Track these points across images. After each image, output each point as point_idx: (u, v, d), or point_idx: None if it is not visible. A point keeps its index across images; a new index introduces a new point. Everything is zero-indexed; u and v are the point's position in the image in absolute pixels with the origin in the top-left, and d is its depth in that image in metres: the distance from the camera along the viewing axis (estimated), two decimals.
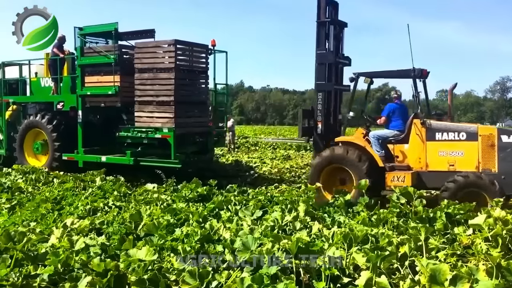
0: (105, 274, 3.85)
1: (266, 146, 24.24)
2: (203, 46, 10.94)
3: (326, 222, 6.13)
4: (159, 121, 10.11)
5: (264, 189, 9.62)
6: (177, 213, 6.42)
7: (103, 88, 10.78)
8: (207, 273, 3.92)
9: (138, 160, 10.51)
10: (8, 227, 5.85)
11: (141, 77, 10.29)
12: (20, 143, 12.52)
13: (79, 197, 7.75)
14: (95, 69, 11.02)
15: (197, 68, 10.84)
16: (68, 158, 11.46)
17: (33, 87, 12.90)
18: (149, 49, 10.31)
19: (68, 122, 11.63)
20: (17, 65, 13.39)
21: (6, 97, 13.21)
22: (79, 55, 11.14)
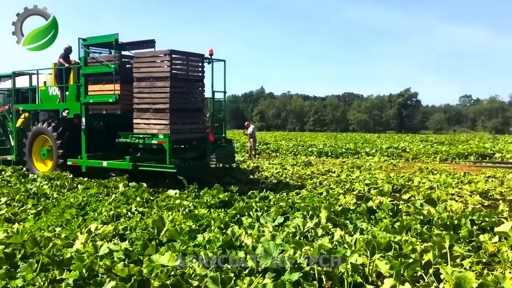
0: (129, 279, 3.89)
1: (287, 152, 24.20)
2: (199, 56, 11.27)
3: (348, 228, 6.07)
4: (156, 127, 10.46)
5: (285, 195, 9.60)
6: (199, 219, 6.45)
7: (105, 96, 11.22)
8: (229, 279, 3.93)
9: (136, 165, 10.81)
10: (34, 232, 5.94)
11: (139, 85, 10.65)
12: (29, 149, 13.08)
13: (103, 203, 7.84)
14: (97, 78, 11.48)
15: (193, 76, 11.15)
16: (72, 163, 11.89)
17: (41, 96, 13.48)
18: (146, 59, 10.71)
19: (72, 129, 12.02)
20: (28, 75, 13.86)
21: (17, 105, 13.80)
22: (83, 65, 11.55)
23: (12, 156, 13.96)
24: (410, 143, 33.50)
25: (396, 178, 12.48)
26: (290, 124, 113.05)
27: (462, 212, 7.20)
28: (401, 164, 18.31)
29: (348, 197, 8.92)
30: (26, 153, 13.12)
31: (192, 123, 11.25)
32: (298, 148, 26.55)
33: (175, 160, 10.41)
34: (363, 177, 12.75)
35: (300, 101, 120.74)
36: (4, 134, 14.55)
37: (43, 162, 13.06)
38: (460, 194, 9.83)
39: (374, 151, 24.14)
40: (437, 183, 11.21)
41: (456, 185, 11.00)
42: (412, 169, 15.87)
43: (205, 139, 11.79)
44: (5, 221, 6.84)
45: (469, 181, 11.95)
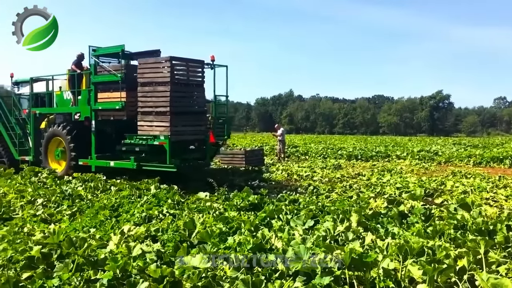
0: (162, 281, 3.95)
1: (317, 155, 24.08)
2: (198, 62, 11.83)
3: (379, 233, 6.00)
4: (157, 129, 11.03)
5: (315, 198, 9.56)
6: (229, 221, 6.48)
7: (112, 103, 11.91)
8: (260, 281, 3.94)
9: (140, 165, 11.45)
10: (70, 233, 6.10)
11: (143, 90, 11.23)
12: (45, 149, 13.89)
13: (135, 205, 7.97)
14: (105, 86, 12.16)
15: (194, 81, 11.68)
16: (83, 163, 12.64)
17: (57, 100, 14.26)
18: (149, 65, 11.24)
19: (83, 130, 12.76)
20: (44, 80, 14.62)
21: (34, 109, 14.68)
22: (93, 74, 12.25)
23: (29, 156, 14.74)
24: (442, 146, 32.85)
25: (428, 182, 12.27)
26: (319, 127, 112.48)
27: (497, 217, 7.02)
28: (433, 168, 18.00)
29: (378, 201, 8.81)
30: (42, 153, 13.95)
31: (193, 125, 11.79)
32: (327, 151, 26.39)
33: (175, 160, 11.01)
34: (394, 180, 12.60)
35: (329, 103, 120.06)
36: (23, 136, 15.32)
37: (57, 162, 13.82)
38: (495, 199, 9.60)
39: (405, 154, 23.78)
40: (471, 187, 10.97)
41: (490, 190, 10.74)
42: (445, 173, 15.58)
43: (205, 141, 12.36)
44: (42, 222, 7.04)
45: (504, 185, 11.65)
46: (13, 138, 15.34)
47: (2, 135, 15.69)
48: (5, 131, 15.54)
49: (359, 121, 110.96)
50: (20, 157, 15.06)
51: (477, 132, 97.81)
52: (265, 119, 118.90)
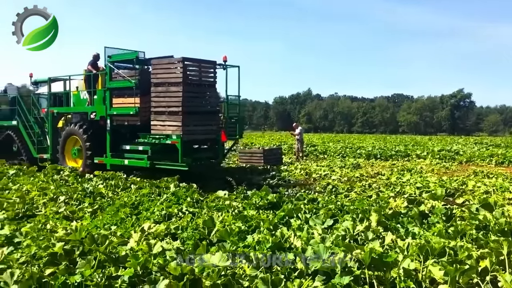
0: (182, 278, 3.98)
1: (335, 154, 23.96)
2: (211, 62, 12.03)
3: (399, 233, 5.95)
4: (170, 129, 11.27)
5: (334, 197, 9.52)
6: (248, 220, 6.50)
7: (126, 108, 12.18)
8: (279, 280, 3.95)
9: (153, 164, 11.72)
10: (91, 230, 6.19)
11: (156, 90, 11.48)
12: (62, 148, 14.29)
13: (155, 203, 8.04)
14: (120, 92, 12.45)
15: (206, 81, 11.90)
16: (99, 161, 12.91)
17: (74, 99, 14.62)
18: (162, 66, 11.47)
19: (99, 129, 13.04)
20: (62, 80, 14.97)
21: (52, 108, 15.03)
22: (108, 80, 12.50)
23: (47, 154, 15.12)
24: (463, 146, 32.40)
25: (449, 182, 12.11)
26: (337, 126, 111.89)
27: None
28: (454, 167, 17.75)
29: (398, 201, 8.72)
30: (59, 151, 14.31)
31: (204, 125, 12.02)
32: (346, 150, 26.24)
33: (186, 159, 11.22)
34: (414, 180, 12.45)
35: (348, 102, 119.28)
36: (42, 135, 15.76)
37: (74, 161, 14.19)
38: None
39: (425, 154, 23.50)
40: (493, 187, 10.78)
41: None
42: (466, 173, 15.36)
43: (217, 140, 12.58)
44: (64, 219, 7.15)
45: None
46: (32, 137, 15.79)
47: (22, 134, 16.13)
48: (24, 129, 15.98)
49: (378, 120, 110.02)
50: (38, 155, 15.49)
51: (499, 131, 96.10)
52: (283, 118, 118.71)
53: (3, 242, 5.60)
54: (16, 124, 16.25)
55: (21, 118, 16.19)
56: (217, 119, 12.63)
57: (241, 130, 14.47)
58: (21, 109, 16.30)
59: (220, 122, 12.81)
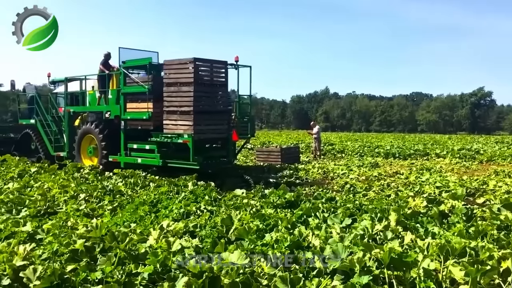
0: (201, 276, 4.01)
1: (353, 153, 23.81)
2: (222, 62, 12.22)
3: (419, 232, 5.89)
4: (182, 128, 11.48)
5: (352, 197, 9.47)
6: (266, 218, 6.51)
7: (140, 113, 12.46)
8: (298, 279, 3.95)
9: (166, 162, 12.03)
10: (111, 227, 6.26)
11: (168, 90, 11.70)
12: (78, 146, 14.64)
13: (173, 201, 8.10)
14: (134, 97, 12.70)
15: (217, 81, 12.08)
16: (113, 159, 13.24)
17: (90, 99, 14.95)
18: (174, 66, 11.65)
19: (113, 128, 13.37)
20: (78, 80, 15.28)
21: (68, 107, 15.39)
22: (122, 85, 12.78)
23: (64, 152, 15.47)
24: (484, 145, 31.89)
25: (469, 181, 11.94)
26: (355, 125, 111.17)
27: None
28: (475, 167, 17.48)
29: (417, 200, 8.63)
30: (76, 150, 14.65)
31: (215, 124, 12.21)
32: (364, 149, 26.04)
33: (197, 158, 11.43)
34: (433, 179, 12.30)
35: (366, 101, 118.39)
36: (59, 133, 16.09)
37: (90, 159, 14.47)
38: None
39: (445, 153, 23.20)
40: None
41: None
42: (487, 172, 15.12)
43: (228, 139, 12.74)
44: (84, 216, 7.25)
45: None
46: (49, 135, 16.14)
47: (40, 132, 16.53)
48: (42, 128, 16.35)
49: (397, 119, 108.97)
50: (55, 153, 15.82)
51: None
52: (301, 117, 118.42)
53: (25, 238, 5.70)
54: (34, 122, 16.65)
55: (39, 117, 16.57)
56: (228, 118, 12.79)
57: (253, 129, 14.60)
58: (39, 108, 16.68)
59: (232, 122, 12.97)
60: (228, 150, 13.05)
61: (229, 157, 13.19)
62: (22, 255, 4.64)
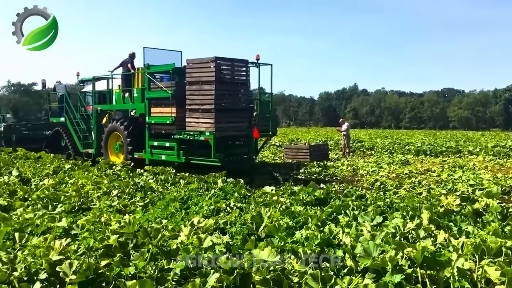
0: (232, 272, 4.03)
1: (383, 151, 23.51)
2: (243, 61, 12.44)
3: (452, 231, 5.78)
4: (203, 126, 11.76)
5: (382, 194, 9.36)
6: (296, 216, 6.49)
7: (163, 118, 12.80)
8: (329, 277, 3.93)
9: (188, 159, 12.43)
10: (143, 223, 6.37)
11: (190, 88, 12.04)
12: (105, 143, 15.07)
13: (203, 198, 8.16)
14: (158, 101, 13.08)
15: (238, 80, 12.36)
16: (139, 156, 13.68)
17: (116, 97, 15.40)
18: (196, 65, 11.95)
19: (138, 126, 13.84)
20: (105, 79, 15.80)
21: (96, 105, 15.97)
22: (147, 90, 13.20)
23: (92, 149, 15.94)
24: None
25: (504, 179, 11.65)
26: (384, 122, 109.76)
27: None
28: (509, 164, 17.03)
29: (450, 198, 8.46)
30: (103, 147, 15.05)
31: (236, 121, 12.44)
32: (394, 146, 25.67)
33: (219, 155, 11.70)
34: (466, 177, 12.05)
35: (396, 97, 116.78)
36: (87, 131, 16.56)
37: (116, 155, 14.94)
38: None
39: (478, 150, 22.67)
40: None
41: None
42: None
43: (248, 137, 12.95)
44: (117, 212, 7.39)
45: None
46: (78, 133, 16.70)
47: (69, 130, 17.10)
48: (71, 126, 16.91)
49: (427, 115, 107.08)
50: (84, 150, 16.35)
51: None
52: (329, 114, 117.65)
53: (61, 234, 5.85)
54: (64, 120, 17.25)
55: (68, 115, 17.15)
56: (250, 116, 12.99)
57: (274, 127, 14.75)
58: (68, 107, 17.25)
59: (253, 119, 13.15)
60: (250, 147, 13.29)
61: (250, 154, 13.44)
62: (58, 250, 4.75)
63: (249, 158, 13.49)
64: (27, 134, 20.63)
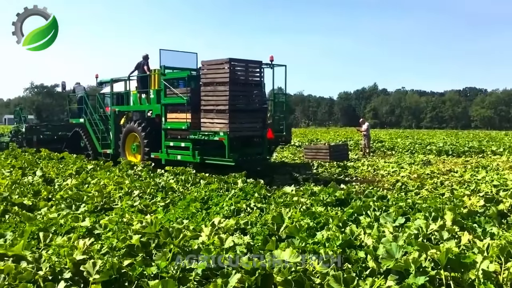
0: (253, 273, 4.04)
1: (404, 151, 23.26)
2: (256, 62, 12.66)
3: (476, 233, 5.69)
4: (218, 126, 11.96)
5: (403, 195, 9.25)
6: (316, 216, 6.46)
7: (179, 123, 13.08)
8: (352, 278, 3.90)
9: (203, 159, 12.67)
10: (164, 223, 6.41)
11: (205, 89, 12.28)
12: (123, 144, 15.48)
13: (224, 198, 8.18)
14: (173, 107, 13.39)
15: (252, 81, 12.56)
16: (155, 156, 13.94)
17: (133, 99, 15.73)
18: (211, 66, 12.20)
19: (155, 126, 14.09)
20: (123, 81, 16.11)
21: (114, 107, 16.38)
22: (163, 96, 13.49)
23: (110, 150, 16.23)
24: None
25: None
26: (404, 121, 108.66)
27: None
28: None
29: (473, 199, 8.33)
30: (121, 147, 15.40)
31: (250, 122, 12.63)
32: (415, 146, 25.39)
33: (233, 155, 11.87)
34: (490, 177, 11.83)
35: (416, 97, 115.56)
36: (106, 131, 16.87)
37: (133, 156, 15.28)
38: None
39: (501, 150, 22.27)
40: None
41: None
42: None
43: (262, 137, 13.11)
44: (139, 212, 7.45)
45: None
46: (97, 133, 16.99)
47: (88, 130, 17.44)
48: (90, 126, 17.24)
49: (449, 115, 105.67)
50: (102, 150, 16.65)
51: None
52: (348, 114, 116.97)
53: (84, 233, 5.93)
54: (83, 121, 17.60)
55: (87, 116, 17.50)
56: (263, 116, 13.20)
57: (289, 132, 14.84)
58: (87, 108, 17.62)
59: (267, 120, 13.37)
60: (263, 148, 13.44)
61: (264, 154, 13.57)
62: (81, 249, 4.82)
63: (263, 158, 13.64)
64: (47, 135, 21.08)
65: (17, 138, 21.31)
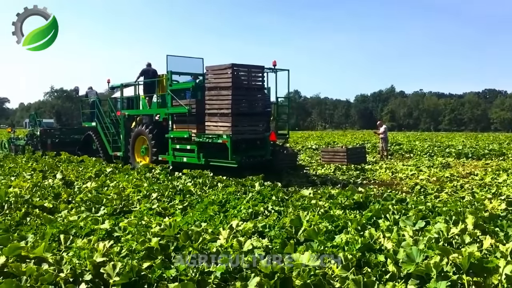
0: (272, 276, 4.02)
1: (422, 153, 23.00)
2: (259, 67, 12.96)
3: (498, 236, 5.58)
4: (221, 129, 12.36)
5: (423, 198, 9.14)
6: (335, 220, 6.42)
7: (183, 132, 13.52)
8: (372, 283, 3.86)
9: (208, 161, 12.99)
10: (183, 226, 6.43)
11: (209, 94, 12.66)
12: (132, 147, 15.80)
13: (241, 201, 8.18)
14: (179, 118, 13.89)
15: (255, 85, 12.86)
16: (163, 158, 14.32)
17: (143, 103, 16.25)
18: (215, 72, 12.53)
19: (162, 130, 14.47)
20: (133, 85, 16.52)
21: (124, 111, 16.92)
22: (169, 106, 13.91)
23: (120, 152, 16.61)
24: None
25: None
26: (422, 124, 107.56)
27: None
28: None
29: (494, 202, 8.20)
30: (130, 150, 15.74)
31: (253, 125, 13.04)
32: (433, 149, 25.09)
33: (236, 157, 12.26)
34: (511, 181, 11.63)
35: (434, 99, 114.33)
36: (117, 135, 17.22)
37: (142, 158, 15.57)
38: None
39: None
40: None
41: None
42: None
43: (265, 140, 13.48)
44: (157, 215, 7.50)
45: None
46: (108, 136, 17.36)
47: (100, 134, 17.86)
48: (102, 130, 17.66)
49: (468, 117, 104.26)
50: (113, 153, 17.05)
51: None
52: (365, 116, 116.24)
53: (104, 236, 5.98)
54: (95, 125, 18.05)
55: (99, 120, 17.90)
56: (265, 120, 13.57)
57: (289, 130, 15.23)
58: (99, 112, 18.02)
59: (270, 123, 13.71)
60: (266, 150, 13.69)
61: (267, 156, 13.76)
62: (101, 251, 4.86)
63: (265, 160, 13.88)
64: (61, 138, 21.50)
65: (32, 141, 21.78)
